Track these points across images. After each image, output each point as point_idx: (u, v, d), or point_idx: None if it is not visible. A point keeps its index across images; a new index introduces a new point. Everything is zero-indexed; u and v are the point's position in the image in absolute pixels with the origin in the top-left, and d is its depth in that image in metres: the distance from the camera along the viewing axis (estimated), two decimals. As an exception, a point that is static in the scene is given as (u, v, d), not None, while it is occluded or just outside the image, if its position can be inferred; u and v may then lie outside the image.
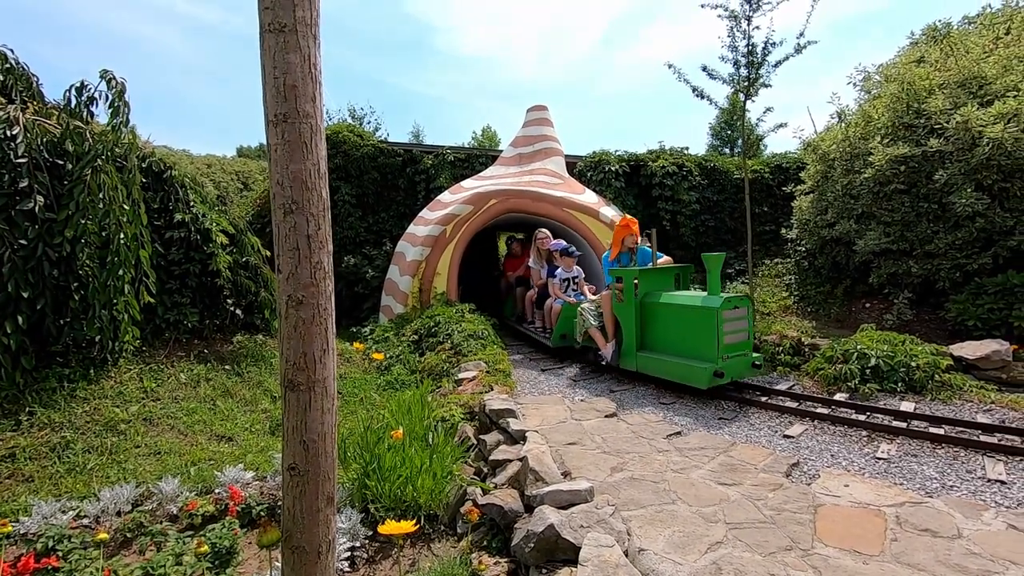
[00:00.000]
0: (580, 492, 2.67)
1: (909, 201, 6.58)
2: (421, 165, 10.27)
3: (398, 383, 5.86)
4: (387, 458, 3.17)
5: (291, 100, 1.04)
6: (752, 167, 10.41)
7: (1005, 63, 6.33)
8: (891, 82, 7.23)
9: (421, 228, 8.37)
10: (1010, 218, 5.82)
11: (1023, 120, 5.50)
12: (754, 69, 7.27)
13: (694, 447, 3.52)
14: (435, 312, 6.99)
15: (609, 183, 9.89)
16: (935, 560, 2.23)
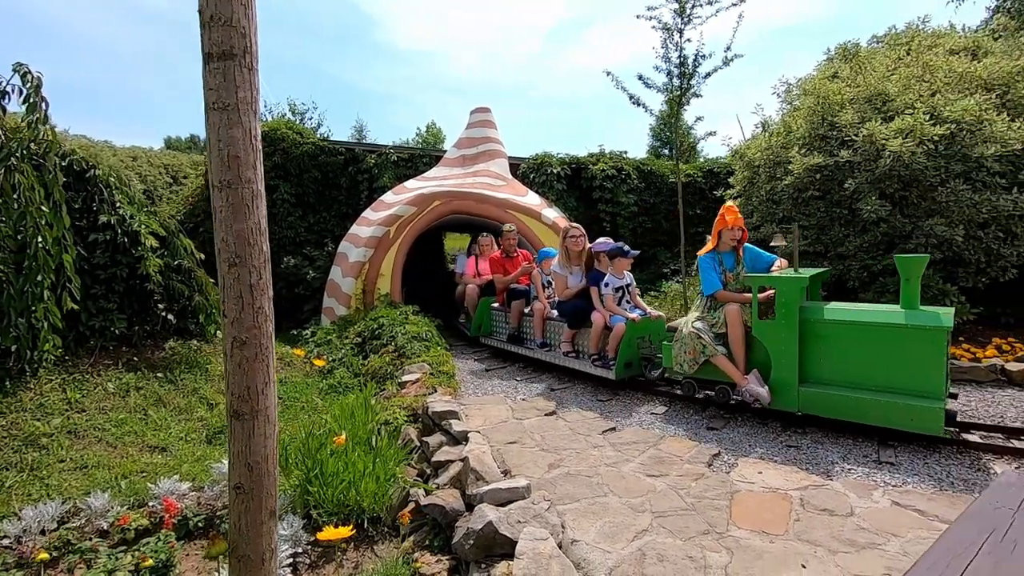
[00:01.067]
0: (518, 489, 2.81)
1: (824, 207, 7.12)
2: (364, 164, 10.17)
3: (341, 387, 5.84)
4: (329, 464, 3.21)
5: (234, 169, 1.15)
6: (686, 171, 10.92)
7: (905, 82, 6.97)
8: (808, 96, 7.79)
9: (364, 229, 8.31)
10: (908, 224, 6.42)
11: (918, 135, 6.08)
12: (686, 80, 7.67)
13: (627, 442, 3.74)
14: (379, 314, 6.99)
15: (551, 185, 10.12)
16: (830, 536, 2.51)
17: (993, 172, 6.11)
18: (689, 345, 4.30)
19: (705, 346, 4.22)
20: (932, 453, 3.41)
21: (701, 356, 4.27)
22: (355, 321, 7.41)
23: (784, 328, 3.87)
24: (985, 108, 6.23)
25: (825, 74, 8.19)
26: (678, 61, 7.64)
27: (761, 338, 4.00)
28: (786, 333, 3.86)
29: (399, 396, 4.71)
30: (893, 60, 7.60)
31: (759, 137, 8.38)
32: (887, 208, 6.43)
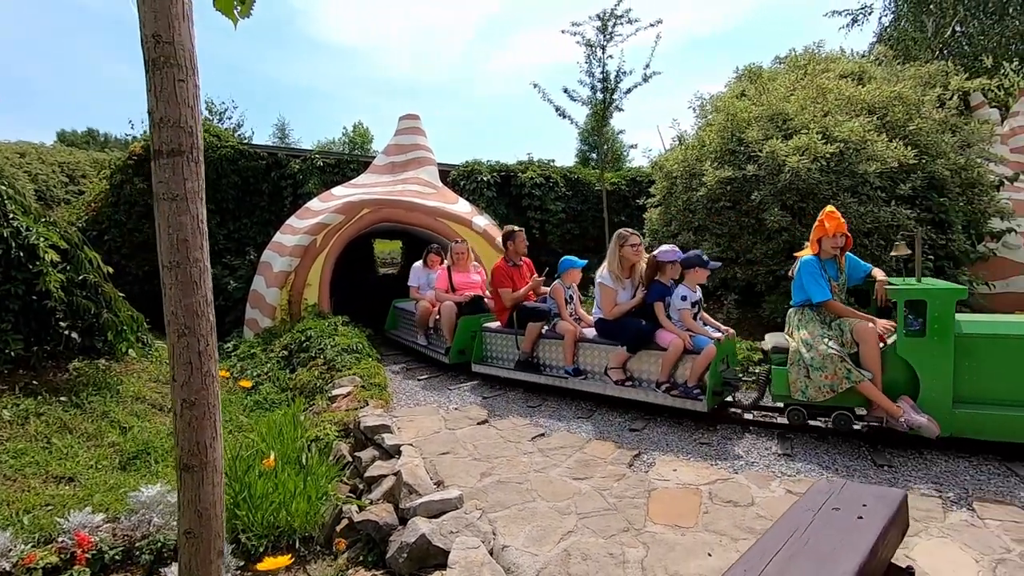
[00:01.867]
0: (450, 500, 2.92)
1: (734, 216, 7.70)
2: (287, 170, 9.89)
3: (267, 403, 5.70)
4: (258, 486, 3.18)
5: (183, 251, 1.23)
6: (611, 180, 11.40)
7: (801, 103, 7.67)
8: (719, 112, 8.39)
9: (289, 237, 8.11)
10: (806, 233, 7.07)
11: (812, 153, 6.72)
12: (608, 94, 8.06)
13: (555, 447, 3.94)
14: (306, 326, 6.85)
15: (482, 192, 10.28)
16: (733, 525, 2.79)
17: (875, 187, 6.85)
18: (829, 369, 3.68)
19: (850, 371, 3.65)
20: (821, 443, 3.83)
21: (845, 382, 3.65)
22: (281, 333, 7.22)
23: (937, 345, 3.51)
24: (868, 129, 6.98)
25: (734, 92, 8.85)
26: (601, 76, 8.01)
27: (907, 357, 3.59)
28: (939, 350, 3.50)
29: (329, 411, 4.68)
30: (792, 82, 8.33)
31: (676, 150, 8.93)
32: (788, 218, 7.05)
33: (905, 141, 7.14)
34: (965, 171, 7.37)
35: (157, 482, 3.65)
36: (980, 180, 7.42)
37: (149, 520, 3.25)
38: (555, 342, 5.17)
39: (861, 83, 8.59)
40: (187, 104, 1.33)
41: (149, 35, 1.27)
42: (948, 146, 7.36)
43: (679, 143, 9.01)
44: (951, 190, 7.18)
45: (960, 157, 7.31)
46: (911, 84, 8.05)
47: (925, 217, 6.99)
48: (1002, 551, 2.49)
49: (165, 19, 1.29)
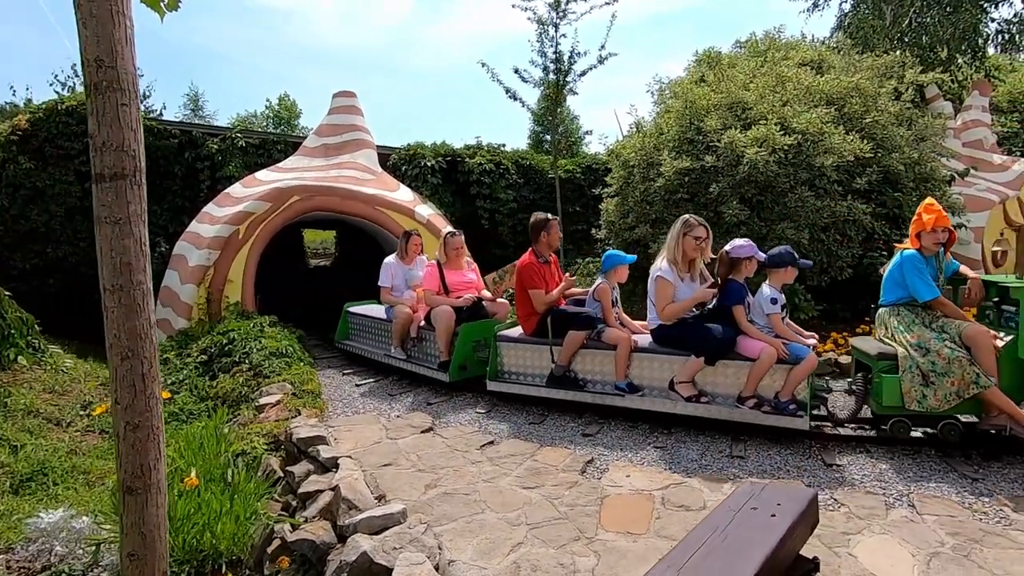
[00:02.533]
0: (393, 515, 3.00)
1: (692, 209, 8.03)
2: (204, 150, 9.60)
3: (185, 414, 5.59)
4: (179, 507, 3.16)
5: (126, 274, 1.28)
6: (565, 167, 11.64)
7: (761, 91, 8.08)
8: (677, 99, 8.73)
9: (207, 227, 7.90)
10: (764, 227, 7.48)
11: (770, 145, 7.11)
12: (562, 76, 8.23)
13: (504, 455, 4.07)
14: (228, 327, 6.72)
15: (425, 179, 10.29)
16: (684, 530, 3.00)
17: (832, 180, 7.32)
18: (956, 374, 3.63)
19: (979, 376, 3.61)
20: (774, 445, 4.13)
21: (973, 387, 3.63)
22: (198, 335, 7.05)
23: None
24: (825, 121, 7.44)
25: (693, 77, 9.22)
26: (554, 56, 8.17)
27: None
28: None
29: (257, 422, 4.65)
30: (751, 69, 8.76)
31: (634, 137, 9.22)
32: (746, 212, 7.44)
33: (862, 134, 7.65)
34: (919, 165, 7.97)
35: (59, 507, 3.56)
36: (933, 175, 8.04)
37: (50, 549, 3.18)
38: (601, 353, 4.81)
39: (820, 72, 9.13)
40: (130, 128, 1.41)
41: (91, 59, 1.32)
42: (903, 140, 7.94)
43: (637, 130, 9.30)
44: (905, 185, 7.76)
45: (914, 151, 7.91)
46: (868, 75, 8.61)
47: (880, 212, 7.54)
48: (936, 544, 2.80)
49: (108, 43, 1.36)
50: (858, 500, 3.28)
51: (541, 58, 8.13)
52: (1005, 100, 13.37)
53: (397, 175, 10.34)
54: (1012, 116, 12.90)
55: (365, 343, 6.80)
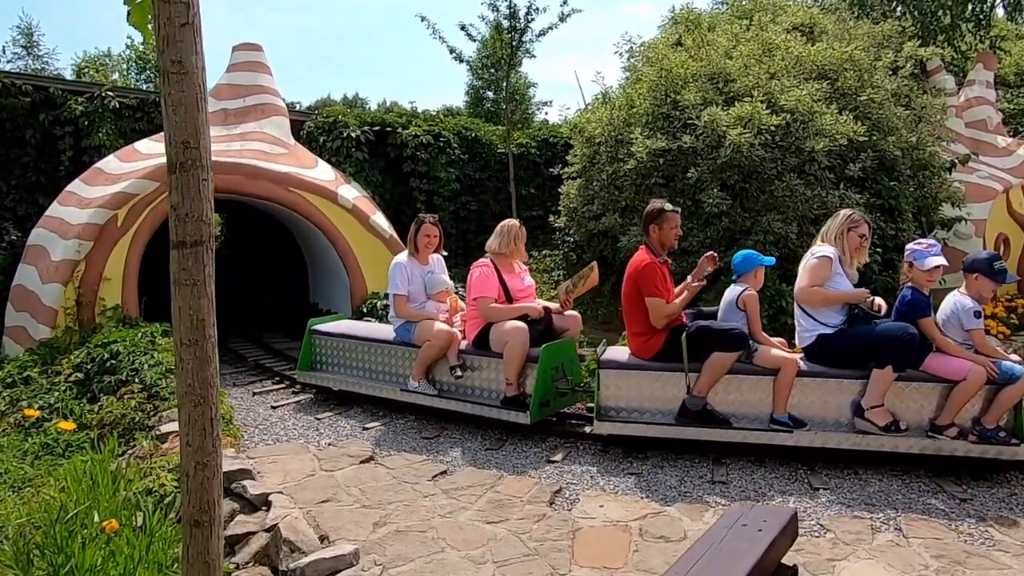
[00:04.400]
0: (344, 557, 3.32)
1: (668, 195, 8.57)
2: (65, 112, 9.45)
3: (60, 446, 5.67)
4: (87, 556, 3.35)
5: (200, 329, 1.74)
6: (518, 140, 12.03)
7: (745, 61, 8.70)
8: (651, 65, 9.25)
9: (75, 211, 7.86)
10: (748, 218, 8.11)
11: (755, 126, 7.71)
12: (517, 35, 8.59)
13: (461, 486, 4.43)
14: (110, 337, 6.77)
15: (349, 153, 10.46)
16: (664, 563, 3.45)
17: (823, 166, 8.00)
18: None
19: None
20: (758, 468, 4.66)
21: None
22: (68, 348, 7.05)
23: None
24: (816, 99, 8.11)
25: (668, 39, 9.77)
26: (508, 12, 8.53)
27: None
28: None
29: (161, 454, 4.82)
30: (735, 34, 9.38)
31: (600, 109, 9.71)
32: (728, 201, 8.03)
33: (855, 113, 8.38)
34: (917, 151, 8.79)
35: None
36: (931, 161, 8.88)
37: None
38: (749, 379, 4.82)
39: (812, 39, 9.85)
40: (207, 199, 1.88)
41: (179, 141, 1.70)
42: (900, 121, 8.74)
43: (603, 101, 9.77)
44: (902, 172, 8.55)
45: (912, 134, 8.71)
46: (864, 44, 9.38)
47: (874, 203, 8.29)
48: (920, 568, 3.35)
49: (193, 127, 1.80)
50: (844, 525, 3.82)
51: (493, 13, 8.47)
52: (1012, 72, 14.64)
53: (314, 148, 10.45)
54: (1021, 91, 14.15)
55: (352, 375, 6.33)
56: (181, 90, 1.82)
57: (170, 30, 1.78)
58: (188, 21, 1.81)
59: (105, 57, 39.43)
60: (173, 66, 1.81)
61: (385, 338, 6.12)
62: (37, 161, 9.35)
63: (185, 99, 1.82)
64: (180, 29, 1.79)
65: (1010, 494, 4.24)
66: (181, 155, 1.84)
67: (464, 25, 8.43)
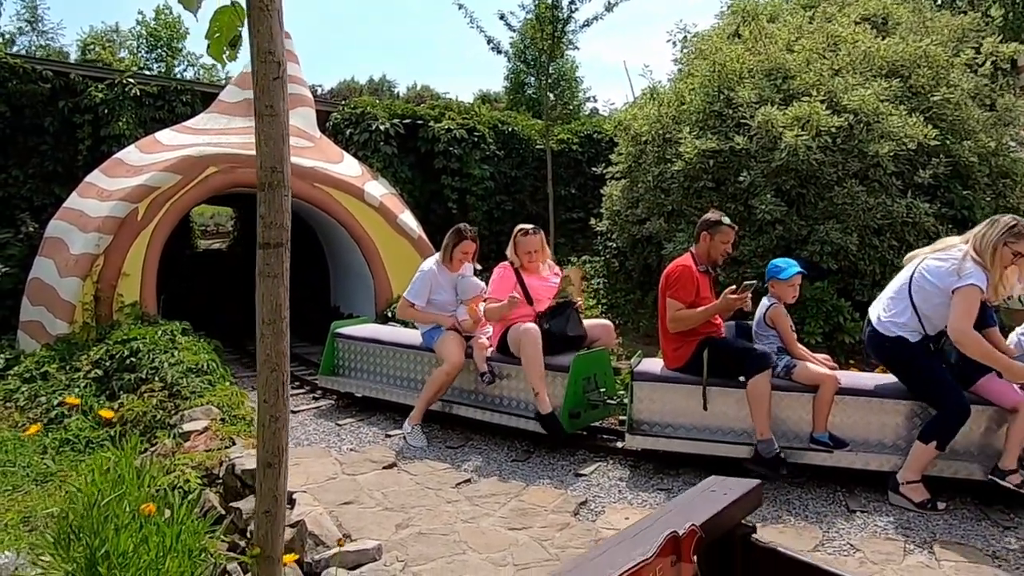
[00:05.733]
0: (368, 551, 3.82)
1: (718, 200, 8.99)
2: (85, 99, 10.23)
3: (80, 442, 6.30)
4: (122, 541, 3.91)
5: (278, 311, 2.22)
6: (559, 136, 12.52)
7: (807, 56, 9.07)
8: (704, 59, 9.67)
9: (95, 203, 8.56)
10: (805, 226, 8.47)
11: (813, 127, 8.08)
12: (559, 25, 9.10)
13: (485, 494, 4.91)
14: (129, 334, 7.42)
15: (377, 147, 11.07)
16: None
17: (889, 172, 8.32)
18: None
19: None
20: (795, 488, 5.06)
21: None
22: (86, 344, 7.72)
23: None
24: (883, 99, 8.44)
25: (724, 32, 10.18)
26: (550, 1, 9.04)
27: None
28: None
29: (184, 452, 5.40)
30: (797, 26, 9.76)
31: (647, 104, 10.14)
32: (783, 208, 8.41)
33: (928, 115, 8.68)
34: (996, 156, 9.05)
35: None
36: (1013, 169, 9.13)
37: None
38: (788, 396, 5.16)
39: (884, 31, 10.16)
40: (287, 211, 2.59)
41: (268, 166, 2.32)
42: (979, 123, 9.00)
43: (651, 97, 10.21)
44: (978, 180, 8.82)
45: (991, 139, 8.97)
46: (942, 38, 9.66)
47: (946, 213, 8.58)
48: (947, 588, 3.74)
49: (279, 155, 2.42)
50: (876, 546, 4.20)
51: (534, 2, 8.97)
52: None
53: (340, 141, 11.09)
54: None
55: (376, 381, 6.86)
56: (272, 128, 2.52)
57: (265, 83, 2.45)
58: (279, 76, 2.47)
59: (113, 33, 41.00)
60: (266, 109, 2.50)
61: (412, 343, 6.62)
62: (55, 150, 10.13)
63: (274, 135, 2.53)
64: (273, 82, 2.46)
65: (1059, 524, 4.57)
66: (269, 177, 2.55)
67: (503, 14, 8.95)
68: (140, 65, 37.40)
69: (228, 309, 11.41)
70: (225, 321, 8.73)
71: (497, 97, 34.78)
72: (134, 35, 41.14)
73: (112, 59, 31.20)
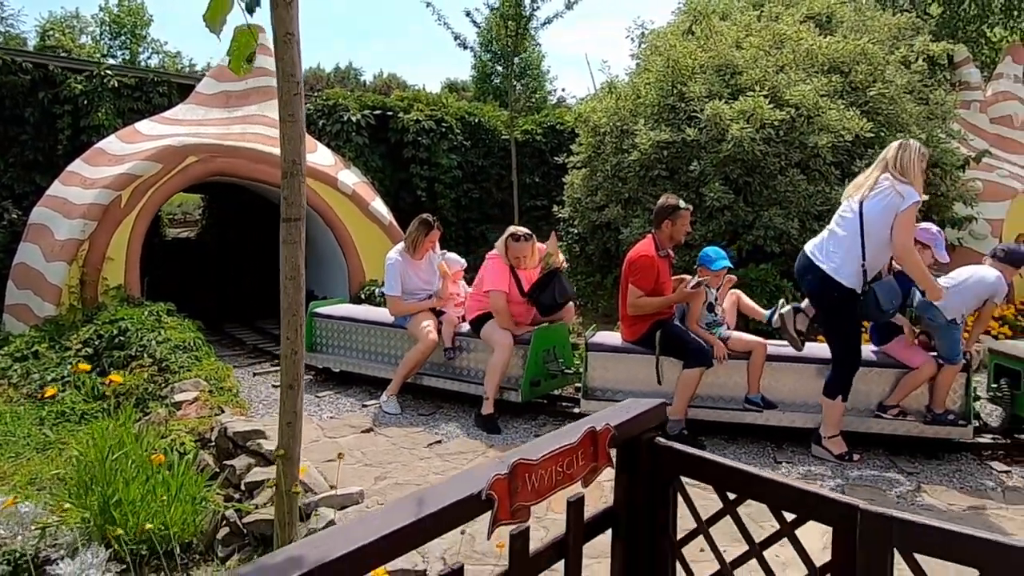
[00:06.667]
0: (352, 496, 4.36)
1: (672, 188, 9.59)
2: (64, 90, 10.53)
3: (75, 414, 6.73)
4: (132, 491, 4.41)
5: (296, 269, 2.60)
6: (523, 127, 13.05)
7: (754, 53, 9.70)
8: (658, 55, 10.26)
9: (79, 191, 8.92)
10: (751, 213, 9.11)
11: (757, 120, 8.71)
12: (522, 22, 9.62)
13: (454, 452, 5.47)
14: (117, 315, 7.83)
15: (349, 137, 11.52)
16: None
17: (828, 162, 9.00)
18: None
19: None
20: (730, 444, 5.68)
21: None
22: (74, 325, 8.12)
23: None
24: (823, 94, 9.10)
25: (679, 30, 10.78)
26: (514, 0, 9.56)
27: None
28: None
29: (177, 419, 5.88)
30: (746, 24, 10.38)
31: (606, 98, 10.71)
32: (730, 196, 9.04)
33: (864, 109, 9.37)
34: (927, 148, 9.75)
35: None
36: (942, 160, 9.86)
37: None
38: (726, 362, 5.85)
39: (828, 30, 10.84)
40: (303, 195, 3.13)
41: (289, 159, 2.78)
42: (911, 118, 9.71)
43: (610, 91, 10.78)
44: (910, 169, 9.53)
45: (922, 132, 9.68)
46: (880, 36, 10.36)
47: None
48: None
49: (297, 152, 2.90)
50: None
51: (498, 0, 9.48)
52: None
53: (313, 131, 11.50)
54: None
55: (352, 357, 7.41)
56: (292, 131, 3.12)
57: (288, 98, 3.06)
58: (298, 92, 3.07)
59: (73, 19, 40.54)
60: (288, 117, 3.09)
61: (384, 321, 7.16)
62: (35, 140, 10.43)
63: (293, 136, 3.13)
64: (293, 97, 3.07)
65: (956, 470, 5.25)
66: (291, 168, 3.14)
67: (469, 12, 9.45)
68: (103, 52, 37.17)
69: (199, 297, 11.74)
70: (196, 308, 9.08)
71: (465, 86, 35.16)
72: (96, 21, 40.71)
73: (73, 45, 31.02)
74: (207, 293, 12.72)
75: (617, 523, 2.26)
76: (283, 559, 1.38)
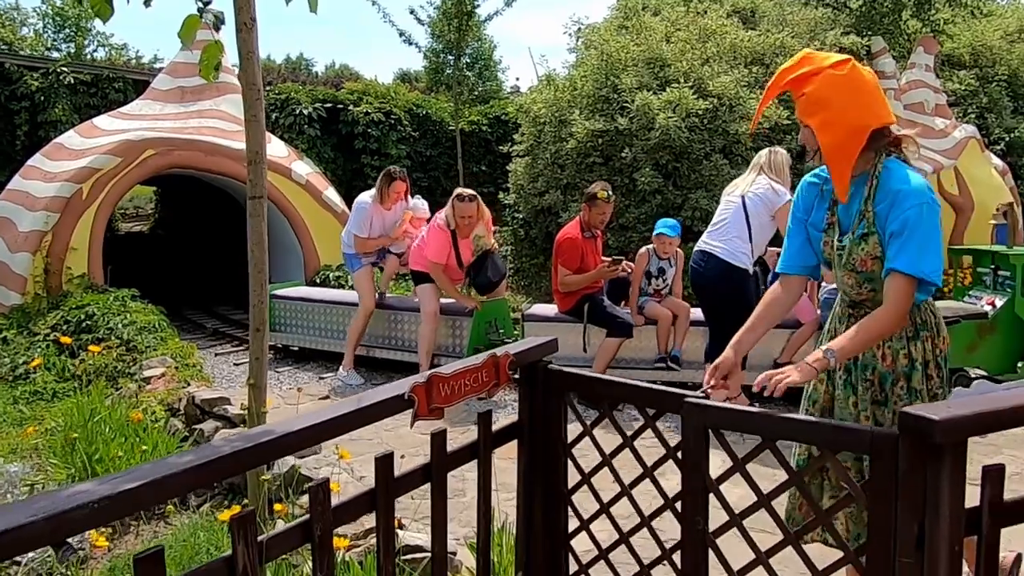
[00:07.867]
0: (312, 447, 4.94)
1: (607, 174, 10.28)
2: (20, 87, 10.82)
3: (48, 393, 7.17)
4: (112, 449, 4.93)
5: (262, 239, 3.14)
6: (469, 118, 13.63)
7: (681, 47, 10.41)
8: (593, 49, 10.93)
9: (40, 184, 9.26)
10: (680, 195, 9.84)
11: (683, 110, 9.43)
12: (464, 19, 10.19)
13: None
14: (84, 301, 8.24)
15: (301, 130, 11.98)
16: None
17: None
18: None
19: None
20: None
21: None
22: (41, 312, 8.50)
23: None
24: (742, 84, 9.85)
25: (613, 25, 11.45)
26: (455, -3, 10.12)
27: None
28: None
29: (147, 392, 6.38)
30: (675, 19, 11.10)
31: (545, 90, 11.34)
32: (660, 180, 9.76)
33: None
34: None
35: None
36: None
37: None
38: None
39: (752, 24, 11.62)
40: (266, 178, 3.66)
41: (253, 151, 3.26)
42: (824, 105, 10.51)
43: (548, 83, 11.42)
44: (823, 154, 10.35)
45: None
46: (799, 30, 11.16)
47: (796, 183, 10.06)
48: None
49: (260, 145, 3.35)
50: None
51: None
52: (967, 52, 16.55)
53: (267, 125, 11.90)
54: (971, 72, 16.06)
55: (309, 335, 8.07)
56: (255, 129, 3.61)
57: (251, 101, 3.55)
58: (259, 97, 3.57)
59: (13, 10, 39.80)
60: (252, 117, 3.58)
61: (338, 300, 7.79)
62: (-8, 134, 10.73)
63: (256, 133, 3.62)
64: (255, 101, 3.55)
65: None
66: (255, 156, 3.62)
67: (413, 10, 9.97)
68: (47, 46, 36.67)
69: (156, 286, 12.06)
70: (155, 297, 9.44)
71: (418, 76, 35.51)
72: (39, 14, 40.01)
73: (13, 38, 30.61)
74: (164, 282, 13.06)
75: (521, 433, 2.88)
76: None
